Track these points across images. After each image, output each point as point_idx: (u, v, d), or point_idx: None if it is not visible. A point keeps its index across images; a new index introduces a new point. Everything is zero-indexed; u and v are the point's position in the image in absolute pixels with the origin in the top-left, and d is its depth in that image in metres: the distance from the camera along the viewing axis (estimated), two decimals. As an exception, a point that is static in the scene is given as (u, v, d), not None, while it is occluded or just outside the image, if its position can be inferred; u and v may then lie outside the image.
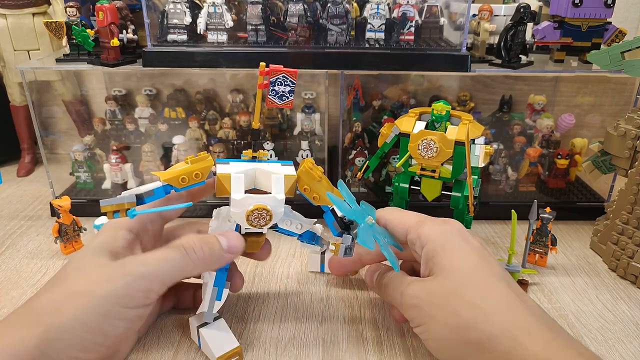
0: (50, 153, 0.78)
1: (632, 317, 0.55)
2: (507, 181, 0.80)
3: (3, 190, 0.85)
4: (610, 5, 0.70)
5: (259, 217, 0.43)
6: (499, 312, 0.39)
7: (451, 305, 0.40)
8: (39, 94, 0.76)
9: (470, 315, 0.39)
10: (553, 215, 0.62)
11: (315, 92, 0.81)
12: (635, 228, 0.62)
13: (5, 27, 0.82)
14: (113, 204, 0.41)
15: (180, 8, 0.69)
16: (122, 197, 0.42)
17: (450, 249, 0.44)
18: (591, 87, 0.83)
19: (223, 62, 0.68)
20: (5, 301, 0.56)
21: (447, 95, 0.86)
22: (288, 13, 0.68)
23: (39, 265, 0.63)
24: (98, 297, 0.38)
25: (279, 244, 0.69)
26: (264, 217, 0.43)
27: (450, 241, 0.44)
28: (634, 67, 0.63)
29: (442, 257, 0.43)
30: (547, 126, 0.79)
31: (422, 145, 0.57)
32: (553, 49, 0.76)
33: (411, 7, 0.68)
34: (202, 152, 0.45)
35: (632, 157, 0.65)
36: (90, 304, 0.38)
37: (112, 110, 0.82)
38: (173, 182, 0.43)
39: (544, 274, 0.63)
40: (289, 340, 0.51)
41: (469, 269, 0.42)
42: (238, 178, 0.44)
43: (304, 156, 0.78)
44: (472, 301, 0.40)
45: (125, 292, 0.39)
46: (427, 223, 0.47)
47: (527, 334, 0.37)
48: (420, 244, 0.46)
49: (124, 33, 0.72)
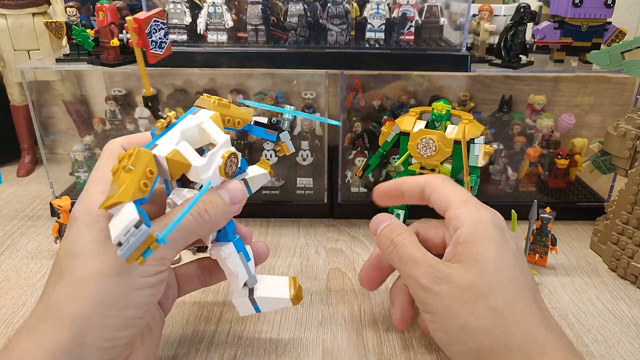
0: (50, 153, 0.78)
1: (632, 317, 0.55)
2: (507, 181, 0.80)
3: (3, 190, 0.85)
4: (610, 5, 0.70)
5: (231, 164, 0.41)
6: (519, 325, 0.38)
7: (475, 306, 0.38)
8: (39, 94, 0.76)
9: (492, 323, 0.38)
10: (553, 215, 0.62)
11: (315, 92, 0.81)
12: (635, 228, 0.62)
13: (5, 27, 0.82)
14: (133, 250, 0.31)
15: (180, 8, 0.70)
16: (134, 238, 0.31)
17: (488, 242, 0.41)
18: (591, 87, 0.83)
19: (223, 62, 0.68)
20: (5, 301, 0.56)
21: (447, 95, 0.86)
22: (288, 13, 0.68)
23: (39, 265, 0.63)
24: (114, 273, 0.36)
25: (279, 243, 0.69)
26: (233, 161, 0.41)
27: (489, 233, 0.41)
28: (634, 67, 0.63)
29: (477, 248, 0.40)
30: (547, 126, 0.79)
31: (421, 144, 0.57)
32: (553, 49, 0.76)
33: (411, 7, 0.68)
34: (122, 153, 0.37)
35: (632, 157, 0.65)
36: (109, 282, 0.36)
37: (112, 110, 0.82)
38: (138, 194, 0.34)
39: (544, 274, 0.63)
40: (288, 340, 0.51)
41: (502, 271, 0.40)
42: (185, 147, 0.39)
43: (304, 156, 0.78)
44: (497, 308, 0.38)
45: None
46: (470, 204, 0.44)
47: (541, 354, 0.36)
48: (455, 224, 0.42)
49: (124, 33, 0.72)
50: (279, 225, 0.74)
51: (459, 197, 0.44)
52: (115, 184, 0.34)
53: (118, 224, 0.32)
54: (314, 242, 0.69)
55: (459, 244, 0.42)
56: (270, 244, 0.69)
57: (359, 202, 0.78)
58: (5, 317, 0.54)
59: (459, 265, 0.41)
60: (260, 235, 0.71)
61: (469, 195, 0.45)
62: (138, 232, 0.31)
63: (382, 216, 0.49)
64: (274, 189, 0.79)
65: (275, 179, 0.79)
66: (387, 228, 0.47)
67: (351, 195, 0.78)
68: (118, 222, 0.33)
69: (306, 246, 0.68)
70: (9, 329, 0.52)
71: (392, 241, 0.45)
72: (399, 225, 0.47)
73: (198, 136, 0.41)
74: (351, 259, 0.66)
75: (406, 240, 0.44)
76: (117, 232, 0.32)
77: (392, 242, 0.45)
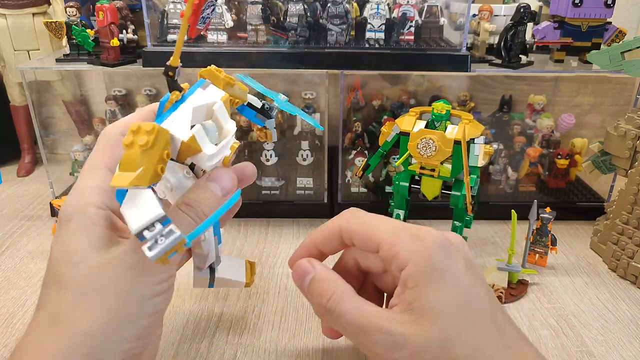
0: (50, 153, 0.78)
1: (632, 317, 0.55)
2: (507, 181, 0.80)
3: (3, 190, 0.85)
4: (610, 5, 0.70)
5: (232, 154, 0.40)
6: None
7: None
8: (39, 94, 0.76)
9: None
10: (553, 215, 0.62)
11: (315, 92, 0.81)
12: (635, 228, 0.62)
13: (5, 27, 0.82)
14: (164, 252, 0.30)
15: (180, 8, 0.70)
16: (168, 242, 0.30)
17: (437, 281, 0.36)
18: (591, 87, 0.83)
19: (223, 62, 0.68)
20: (5, 301, 0.56)
21: (447, 95, 0.86)
22: (288, 13, 0.68)
23: (39, 265, 0.63)
24: (126, 284, 0.34)
25: (279, 243, 0.69)
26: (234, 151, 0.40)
27: (436, 267, 0.36)
28: (634, 67, 0.63)
29: (428, 294, 0.35)
30: (547, 126, 0.79)
31: (421, 144, 0.57)
32: (553, 49, 0.76)
33: (411, 7, 0.68)
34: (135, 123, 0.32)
35: (632, 157, 0.65)
36: (121, 294, 0.34)
37: (112, 110, 0.82)
38: (155, 179, 0.32)
39: (544, 274, 0.63)
40: (289, 340, 0.51)
41: (460, 312, 0.35)
42: (201, 133, 0.37)
43: (304, 156, 0.78)
44: (461, 354, 0.34)
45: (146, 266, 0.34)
46: (403, 237, 0.37)
47: None
48: (397, 264, 0.37)
49: (124, 33, 0.72)
50: (279, 225, 0.74)
51: (385, 233, 0.38)
52: (131, 160, 0.30)
53: (138, 213, 0.30)
54: (314, 242, 0.69)
55: (408, 289, 0.36)
56: (270, 244, 0.69)
57: (359, 202, 0.78)
58: (5, 317, 0.54)
59: (413, 319, 0.35)
60: (261, 235, 0.71)
61: (391, 223, 0.40)
62: (170, 235, 0.30)
63: (303, 264, 0.41)
64: (274, 189, 0.79)
65: (275, 179, 0.79)
66: (315, 285, 0.39)
67: (351, 195, 0.78)
68: (137, 211, 0.31)
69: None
70: (9, 328, 0.52)
71: (326, 309, 0.38)
72: (326, 277, 0.40)
73: (205, 115, 0.39)
74: (351, 259, 0.65)
75: (343, 304, 0.37)
76: (139, 224, 0.30)
77: (326, 310, 0.38)
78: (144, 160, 0.30)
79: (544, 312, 0.56)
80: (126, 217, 0.31)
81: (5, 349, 0.49)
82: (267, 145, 0.77)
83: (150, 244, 0.29)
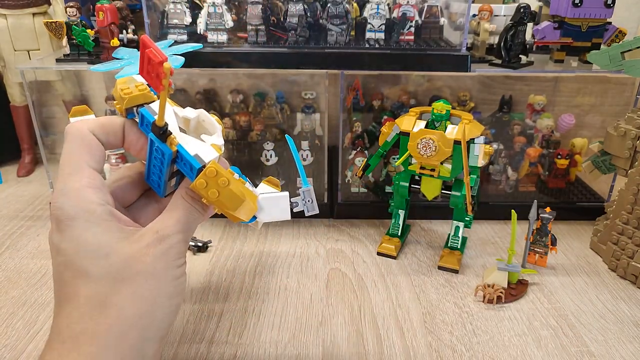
0: (50, 153, 0.78)
1: (632, 317, 0.55)
2: (507, 181, 0.80)
3: (3, 190, 0.85)
4: (610, 5, 0.70)
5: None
6: None
7: None
8: (39, 94, 0.76)
9: None
10: (553, 215, 0.62)
11: (315, 92, 0.81)
12: (635, 228, 0.62)
13: (5, 27, 0.82)
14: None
15: (180, 8, 0.70)
16: (309, 197, 0.42)
17: None
18: (591, 87, 0.83)
19: (223, 62, 0.68)
20: (5, 301, 0.56)
21: (447, 95, 0.86)
22: (288, 13, 0.68)
23: (39, 265, 0.63)
24: (160, 268, 0.36)
25: (279, 243, 0.69)
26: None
27: None
28: (634, 67, 0.63)
29: None
30: (547, 126, 0.79)
31: (421, 144, 0.57)
32: (553, 49, 0.76)
33: (411, 7, 0.68)
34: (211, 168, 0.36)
35: (632, 157, 0.65)
36: (159, 276, 0.36)
37: (112, 110, 0.82)
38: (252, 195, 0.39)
39: (544, 274, 0.63)
40: (288, 340, 0.51)
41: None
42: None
43: (304, 156, 0.78)
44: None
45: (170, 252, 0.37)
46: None
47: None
48: None
49: (124, 33, 0.72)
50: (279, 226, 0.74)
51: None
52: (234, 197, 0.38)
53: (277, 211, 0.42)
54: (314, 242, 0.69)
55: None
56: (270, 244, 0.69)
57: (359, 202, 0.78)
58: (5, 317, 0.54)
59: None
60: (261, 236, 0.71)
61: None
62: (308, 192, 0.43)
63: None
64: (274, 189, 0.79)
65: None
66: None
67: (351, 195, 0.78)
68: (276, 209, 0.42)
69: (306, 246, 0.68)
70: (9, 328, 0.52)
71: None
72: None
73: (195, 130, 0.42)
74: (351, 259, 0.66)
75: None
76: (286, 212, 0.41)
77: None
78: (238, 187, 0.38)
79: (544, 312, 0.56)
80: (268, 216, 0.41)
81: (5, 349, 0.49)
82: (267, 145, 0.77)
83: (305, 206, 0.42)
